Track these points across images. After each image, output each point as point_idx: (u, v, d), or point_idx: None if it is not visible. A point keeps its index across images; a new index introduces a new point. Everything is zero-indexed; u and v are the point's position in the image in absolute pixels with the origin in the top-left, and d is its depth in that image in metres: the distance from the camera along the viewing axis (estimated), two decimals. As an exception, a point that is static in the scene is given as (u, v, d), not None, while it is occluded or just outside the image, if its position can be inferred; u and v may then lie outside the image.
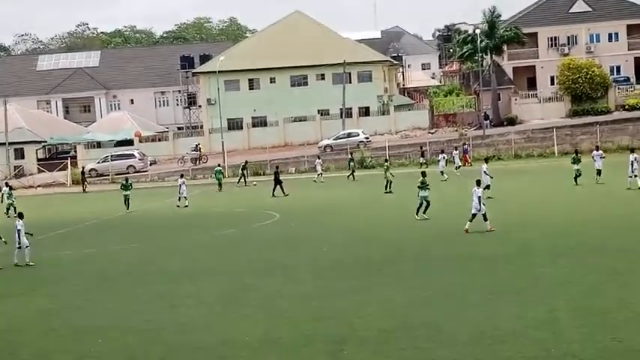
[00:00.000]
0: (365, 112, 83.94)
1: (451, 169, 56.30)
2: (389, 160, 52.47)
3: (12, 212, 46.72)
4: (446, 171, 54.31)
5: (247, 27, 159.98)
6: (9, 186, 51.55)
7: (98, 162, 75.80)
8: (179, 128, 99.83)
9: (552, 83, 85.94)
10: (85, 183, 67.28)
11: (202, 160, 75.89)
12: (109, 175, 73.18)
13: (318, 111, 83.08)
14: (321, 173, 59.84)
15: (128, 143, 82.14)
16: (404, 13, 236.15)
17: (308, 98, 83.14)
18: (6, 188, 50.60)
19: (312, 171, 67.49)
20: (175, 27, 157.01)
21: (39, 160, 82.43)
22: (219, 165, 62.97)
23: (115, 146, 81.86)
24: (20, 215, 29.41)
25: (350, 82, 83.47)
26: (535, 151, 68.98)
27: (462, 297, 19.73)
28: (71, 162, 76.18)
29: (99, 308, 21.46)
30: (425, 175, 34.90)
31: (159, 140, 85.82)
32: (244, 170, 61.79)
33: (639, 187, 39.29)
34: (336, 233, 32.41)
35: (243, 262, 27.02)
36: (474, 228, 29.69)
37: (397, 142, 74.32)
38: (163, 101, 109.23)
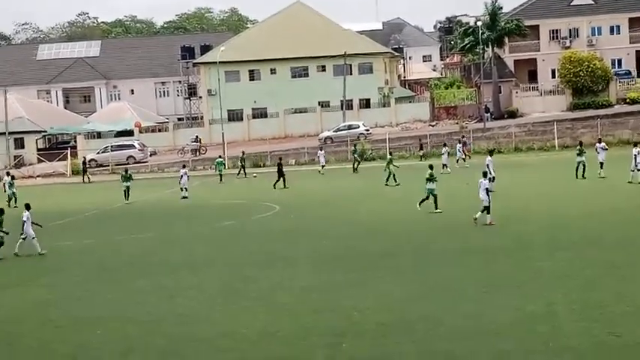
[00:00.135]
0: (365, 104, 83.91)
1: (453, 163, 56.18)
2: (392, 153, 52.33)
3: (12, 203, 46.69)
4: (449, 164, 54.29)
5: (248, 17, 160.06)
6: (11, 175, 51.32)
7: (98, 152, 75.82)
8: (179, 119, 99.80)
9: (553, 76, 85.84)
10: (87, 174, 67.24)
11: (201, 152, 75.89)
12: (109, 166, 73.20)
13: (318, 103, 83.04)
14: (324, 165, 59.88)
15: (128, 134, 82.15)
16: (405, 5, 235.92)
17: (308, 90, 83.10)
18: (7, 178, 50.39)
19: (312, 163, 67.53)
20: (176, 17, 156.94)
21: (39, 150, 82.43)
22: (220, 156, 62.97)
23: (115, 137, 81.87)
24: (27, 206, 29.31)
25: (351, 74, 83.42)
26: (536, 145, 68.98)
27: (461, 290, 19.77)
28: (71, 152, 76.23)
29: (98, 299, 21.50)
30: (432, 168, 34.87)
31: (159, 131, 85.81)
32: (243, 162, 61.78)
33: (630, 182, 39.24)
34: (336, 226, 32.43)
35: (243, 254, 27.06)
36: (472, 220, 29.73)
37: (398, 135, 74.29)
38: (164, 92, 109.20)
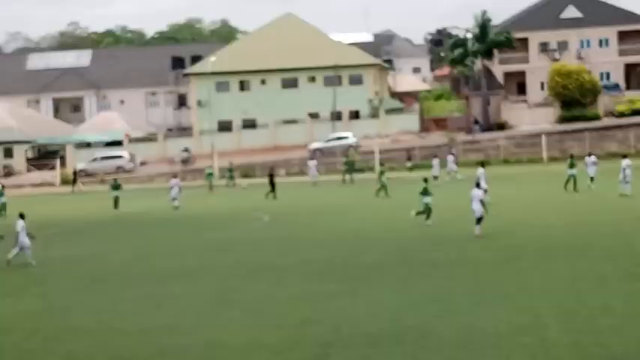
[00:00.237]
0: (355, 116, 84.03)
1: (444, 174, 56.15)
2: (384, 165, 52.22)
3: (3, 212, 46.52)
4: (440, 176, 54.32)
5: (239, 28, 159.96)
6: (1, 185, 51.20)
7: (88, 162, 75.67)
8: (169, 129, 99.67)
9: (542, 89, 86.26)
10: (79, 183, 67.03)
11: (191, 162, 75.85)
12: (99, 176, 73.05)
13: (308, 113, 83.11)
14: (315, 176, 59.95)
15: (118, 144, 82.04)
16: (395, 17, 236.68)
17: (298, 101, 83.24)
18: None
19: (300, 174, 67.55)
20: (167, 27, 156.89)
21: (28, 160, 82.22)
22: (209, 167, 63.01)
23: (105, 147, 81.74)
24: (21, 215, 29.24)
25: (341, 85, 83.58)
26: (524, 157, 69.20)
27: (450, 301, 19.78)
28: (60, 162, 76.04)
29: (86, 309, 21.41)
30: (427, 182, 34.84)
31: (149, 141, 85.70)
32: (231, 172, 61.96)
33: (627, 194, 39.33)
34: (326, 236, 32.43)
35: (231, 264, 27.02)
36: (465, 232, 29.78)
37: (387, 146, 74.40)
38: (154, 102, 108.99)
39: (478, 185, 30.57)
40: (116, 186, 47.67)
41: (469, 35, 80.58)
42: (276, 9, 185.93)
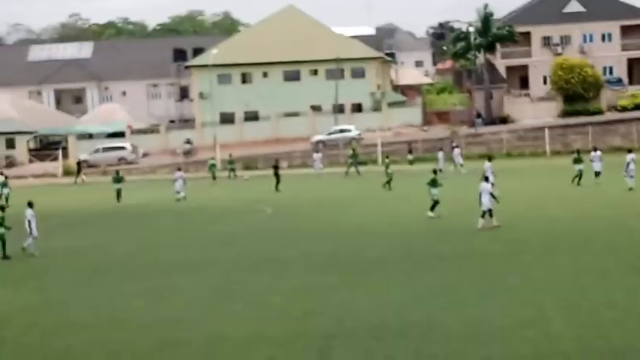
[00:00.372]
0: (357, 109, 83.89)
1: (450, 168, 55.89)
2: (389, 157, 51.92)
3: (4, 202, 46.46)
4: (445, 169, 54.10)
5: (241, 21, 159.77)
6: (4, 175, 51.30)
7: (90, 153, 75.59)
8: (171, 121, 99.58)
9: (545, 83, 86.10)
10: (82, 174, 66.96)
11: (193, 154, 75.78)
12: (101, 167, 72.99)
13: (310, 106, 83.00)
14: (320, 168, 59.88)
15: (120, 135, 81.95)
16: (398, 10, 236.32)
17: (300, 93, 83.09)
18: (1, 177, 50.40)
19: (302, 166, 67.53)
20: (169, 19, 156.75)
21: (30, 151, 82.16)
22: (212, 158, 62.99)
23: (107, 138, 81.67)
24: (30, 204, 29.31)
25: (343, 78, 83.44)
26: (527, 151, 69.06)
27: (454, 294, 19.74)
28: (62, 153, 75.99)
29: (86, 302, 21.33)
30: (436, 173, 34.71)
31: (151, 133, 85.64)
32: (231, 164, 62.07)
33: (630, 188, 39.23)
34: (330, 228, 32.35)
35: (234, 257, 26.96)
36: (470, 225, 29.74)
37: (389, 139, 74.29)
38: (156, 94, 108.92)
39: (487, 179, 30.50)
40: (118, 179, 47.60)
41: (471, 29, 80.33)
42: (278, 1, 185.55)
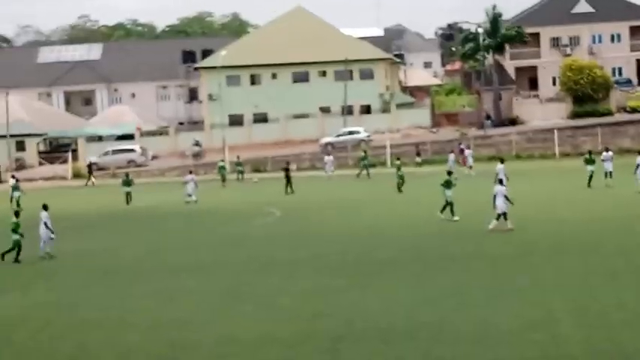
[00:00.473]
0: (366, 110, 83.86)
1: (464, 170, 55.56)
2: (400, 159, 51.64)
3: (15, 205, 46.73)
4: (456, 171, 53.83)
5: (249, 22, 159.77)
6: (15, 179, 51.89)
7: (99, 156, 75.74)
8: (180, 123, 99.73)
9: (554, 84, 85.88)
10: (92, 177, 67.17)
11: (202, 156, 75.85)
12: (110, 169, 73.15)
13: (319, 108, 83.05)
14: (331, 171, 59.65)
15: (129, 137, 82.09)
16: (406, 11, 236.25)
17: (309, 95, 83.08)
18: (12, 180, 51.03)
19: (311, 168, 67.55)
20: (177, 21, 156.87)
21: (40, 153, 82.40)
22: (222, 160, 63.08)
23: (116, 140, 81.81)
24: (45, 207, 29.50)
25: (352, 80, 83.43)
26: (536, 152, 68.93)
27: (463, 296, 19.77)
28: (72, 155, 76.18)
29: (98, 303, 21.47)
30: (450, 174, 34.71)
31: (160, 135, 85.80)
32: (239, 166, 62.13)
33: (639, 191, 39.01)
34: (339, 230, 32.39)
35: (243, 259, 27.04)
36: (479, 227, 29.76)
37: (398, 141, 74.25)
38: (165, 95, 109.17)
39: (501, 182, 30.45)
40: (127, 182, 47.70)
41: (480, 30, 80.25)
42: (286, 3, 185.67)
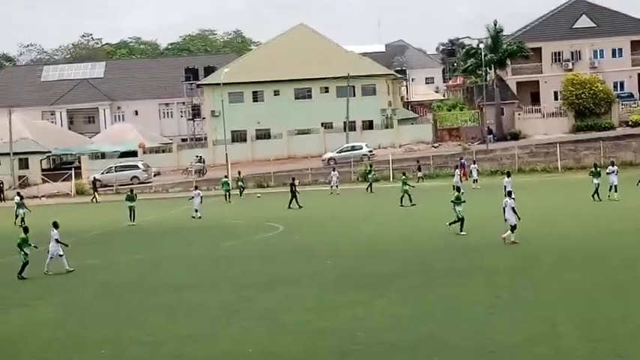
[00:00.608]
0: (368, 126, 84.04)
1: (468, 184, 55.53)
2: (405, 174, 51.55)
3: (18, 222, 47.01)
4: (462, 185, 53.78)
5: (252, 39, 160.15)
6: (20, 196, 52.38)
7: (102, 173, 75.89)
8: (183, 140, 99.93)
9: (556, 98, 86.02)
10: (96, 193, 67.38)
11: (205, 172, 76.00)
12: (113, 186, 73.27)
13: (321, 124, 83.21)
14: (336, 186, 59.70)
15: (132, 154, 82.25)
16: (408, 27, 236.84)
17: (312, 111, 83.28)
18: (17, 198, 51.46)
19: (314, 184, 67.63)
20: (180, 39, 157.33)
21: (43, 171, 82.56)
22: (225, 176, 63.18)
23: (120, 157, 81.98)
24: (55, 224, 29.74)
25: (354, 96, 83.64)
26: (539, 166, 68.95)
27: (466, 310, 19.74)
28: (75, 173, 76.34)
29: (102, 319, 21.49)
30: (459, 190, 34.73)
31: (163, 152, 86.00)
32: (241, 182, 62.37)
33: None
34: (342, 245, 32.39)
35: (246, 274, 27.03)
36: (481, 241, 29.73)
37: (400, 156, 74.34)
38: (168, 113, 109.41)
39: (510, 194, 30.65)
40: (131, 197, 47.85)
41: (482, 45, 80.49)
42: (288, 20, 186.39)
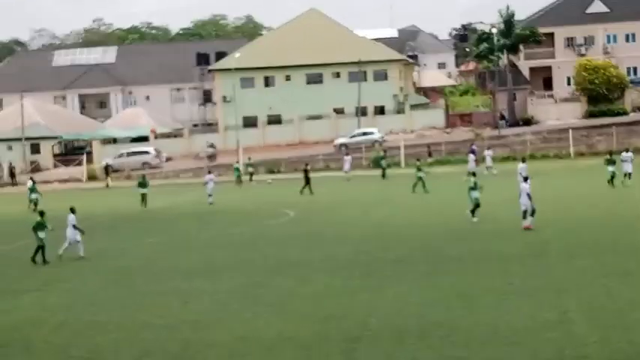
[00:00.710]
0: (380, 111, 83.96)
1: (482, 169, 55.29)
2: (420, 160, 51.24)
3: (31, 206, 47.18)
4: (477, 171, 53.54)
5: (263, 24, 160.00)
6: (33, 180, 52.58)
7: (114, 158, 76.06)
8: (194, 125, 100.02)
9: (569, 84, 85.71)
10: (109, 178, 67.64)
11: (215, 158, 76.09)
12: (125, 171, 73.44)
13: (333, 109, 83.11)
14: (349, 171, 59.62)
15: (144, 139, 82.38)
16: (420, 12, 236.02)
17: (323, 96, 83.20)
18: (30, 182, 51.63)
19: (325, 169, 67.67)
20: (191, 24, 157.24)
21: (55, 156, 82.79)
22: (237, 162, 63.31)
23: (131, 142, 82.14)
24: (72, 210, 29.72)
25: (365, 81, 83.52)
26: (551, 152, 68.74)
27: (476, 297, 19.71)
28: (87, 158, 76.55)
29: (114, 303, 21.56)
30: (475, 175, 34.64)
31: (174, 137, 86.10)
32: (251, 167, 62.38)
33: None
34: (352, 231, 32.39)
35: (257, 260, 27.07)
36: (491, 227, 29.67)
37: (412, 142, 74.21)
38: (179, 98, 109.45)
39: (526, 179, 30.60)
40: (143, 183, 47.94)
41: (494, 30, 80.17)
42: (300, 5, 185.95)
